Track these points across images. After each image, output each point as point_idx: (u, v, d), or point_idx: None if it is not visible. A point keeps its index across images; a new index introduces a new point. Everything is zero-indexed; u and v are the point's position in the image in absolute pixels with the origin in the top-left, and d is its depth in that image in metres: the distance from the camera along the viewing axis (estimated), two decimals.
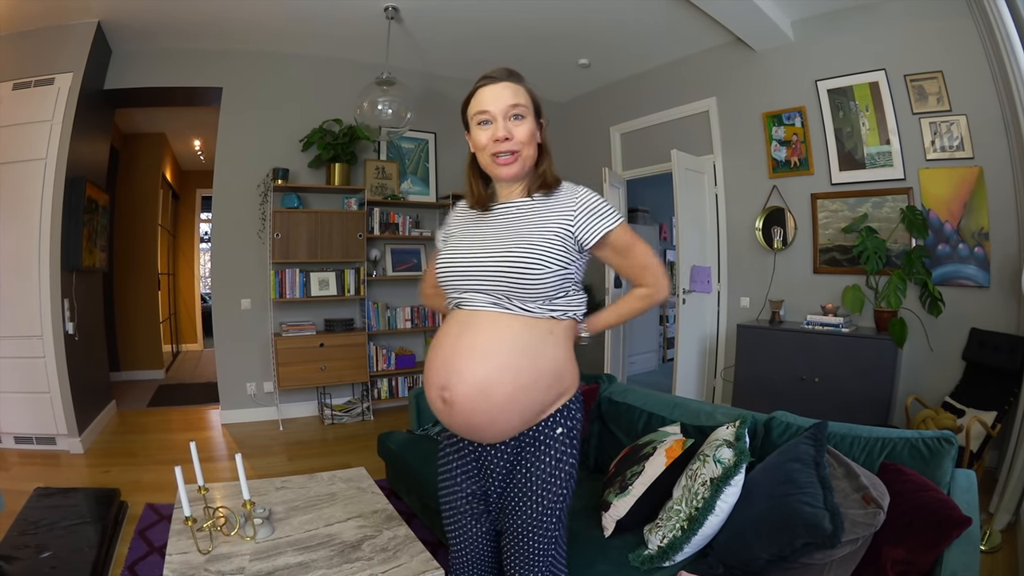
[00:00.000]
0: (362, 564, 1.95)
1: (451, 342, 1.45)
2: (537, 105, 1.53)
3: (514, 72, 1.53)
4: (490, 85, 1.49)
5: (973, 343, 3.78)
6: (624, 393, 2.89)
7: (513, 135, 1.46)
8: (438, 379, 1.43)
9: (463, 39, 5.25)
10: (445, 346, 1.46)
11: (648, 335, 8.01)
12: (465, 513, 1.57)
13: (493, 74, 1.50)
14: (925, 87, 4.00)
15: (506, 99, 1.46)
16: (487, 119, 1.47)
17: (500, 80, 1.49)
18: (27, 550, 2.59)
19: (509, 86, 1.48)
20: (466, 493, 1.55)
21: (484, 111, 1.47)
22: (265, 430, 5.11)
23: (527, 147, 1.48)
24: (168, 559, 1.93)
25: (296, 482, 2.70)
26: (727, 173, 5.29)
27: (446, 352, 1.44)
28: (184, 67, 5.16)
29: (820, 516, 1.58)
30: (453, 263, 1.51)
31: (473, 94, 1.52)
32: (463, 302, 1.48)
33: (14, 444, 4.34)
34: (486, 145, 1.48)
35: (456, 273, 1.49)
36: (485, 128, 1.48)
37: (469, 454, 1.54)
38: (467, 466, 1.55)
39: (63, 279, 4.33)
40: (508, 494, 1.49)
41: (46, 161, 4.24)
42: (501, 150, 1.46)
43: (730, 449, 1.94)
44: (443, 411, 1.45)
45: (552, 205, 1.49)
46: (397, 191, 5.88)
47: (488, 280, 1.43)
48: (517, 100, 1.47)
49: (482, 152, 1.51)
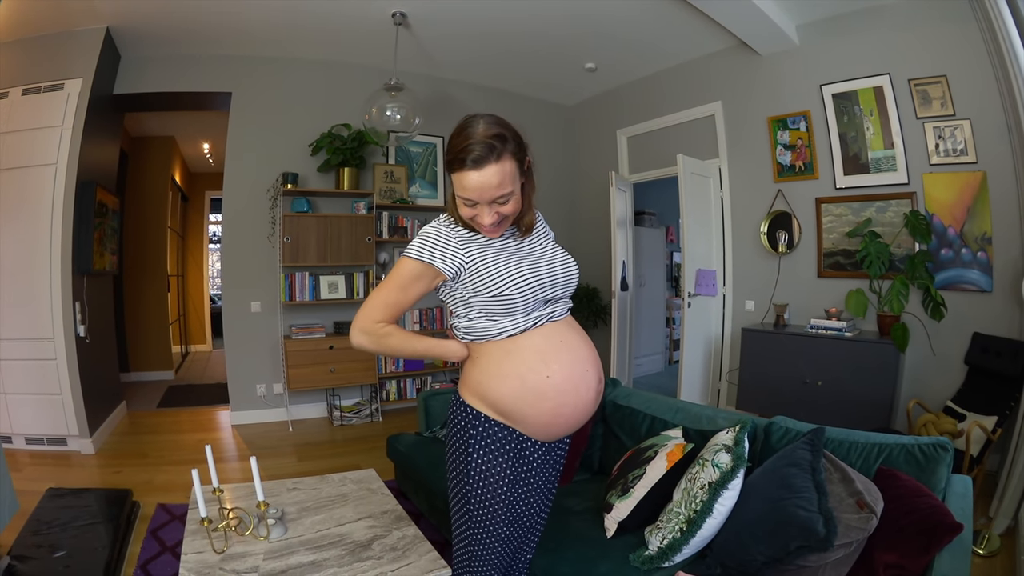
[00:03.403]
0: (372, 563, 2.00)
1: (584, 342, 1.61)
2: (523, 154, 1.50)
3: (496, 140, 1.42)
4: (474, 172, 1.41)
5: (975, 348, 3.80)
6: (628, 397, 2.94)
7: (499, 214, 1.49)
8: (594, 375, 1.59)
9: (471, 44, 5.31)
10: (584, 350, 1.60)
11: (655, 337, 8.03)
12: (528, 514, 1.66)
13: (478, 154, 1.40)
14: (929, 92, 4.01)
15: (492, 189, 1.42)
16: (471, 203, 1.47)
17: (486, 163, 1.41)
18: (40, 550, 2.64)
19: (495, 170, 1.42)
20: (539, 488, 1.66)
21: (468, 199, 1.45)
22: (275, 431, 5.17)
23: (512, 215, 1.53)
24: (184, 558, 1.98)
25: (308, 483, 2.76)
26: (732, 177, 5.32)
27: (588, 351, 1.60)
28: (193, 72, 5.22)
29: (814, 520, 1.62)
30: (540, 277, 1.53)
31: (456, 169, 1.44)
32: (554, 315, 1.58)
33: (25, 445, 4.40)
34: (471, 218, 1.51)
35: (548, 285, 1.55)
36: (469, 205, 1.47)
37: (551, 451, 1.66)
38: (550, 464, 1.67)
39: (74, 282, 4.40)
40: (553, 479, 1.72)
41: (56, 166, 4.29)
42: (486, 230, 1.53)
43: (728, 454, 1.98)
44: (593, 403, 1.59)
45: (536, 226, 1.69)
46: (406, 195, 5.93)
47: (567, 283, 1.61)
48: (503, 188, 1.44)
49: (463, 216, 1.53)
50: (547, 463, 1.64)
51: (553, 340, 1.53)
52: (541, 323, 1.53)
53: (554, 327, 1.56)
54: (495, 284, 1.47)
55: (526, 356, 1.50)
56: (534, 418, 1.51)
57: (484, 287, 1.49)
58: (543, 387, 1.49)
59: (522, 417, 1.52)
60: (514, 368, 1.51)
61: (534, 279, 1.51)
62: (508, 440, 1.53)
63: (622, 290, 5.68)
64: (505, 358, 1.52)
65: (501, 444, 1.53)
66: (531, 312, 1.52)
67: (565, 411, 1.52)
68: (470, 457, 1.54)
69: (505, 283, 1.47)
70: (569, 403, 1.52)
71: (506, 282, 1.47)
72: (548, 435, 1.57)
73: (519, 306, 1.49)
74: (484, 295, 1.49)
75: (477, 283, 1.49)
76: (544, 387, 1.49)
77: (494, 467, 1.53)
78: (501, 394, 1.52)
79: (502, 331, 1.52)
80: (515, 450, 1.55)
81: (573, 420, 1.56)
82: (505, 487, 1.55)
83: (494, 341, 1.53)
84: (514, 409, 1.51)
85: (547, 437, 1.57)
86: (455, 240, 1.53)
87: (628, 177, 6.24)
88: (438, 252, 1.50)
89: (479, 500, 1.55)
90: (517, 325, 1.51)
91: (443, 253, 1.50)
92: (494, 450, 1.53)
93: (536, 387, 1.49)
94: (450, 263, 1.50)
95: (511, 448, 1.54)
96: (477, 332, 1.55)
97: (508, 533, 1.59)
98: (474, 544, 1.60)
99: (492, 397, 1.53)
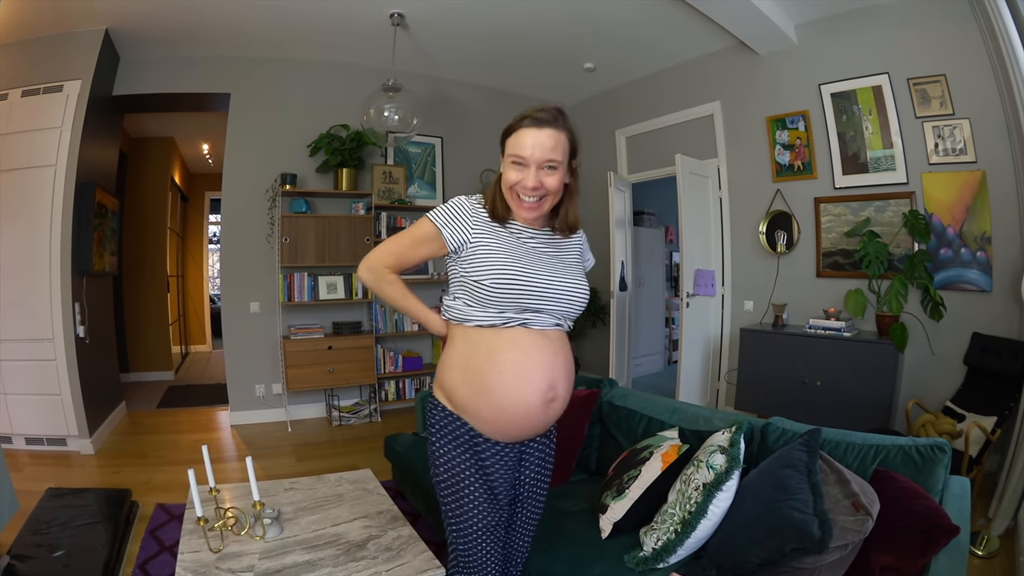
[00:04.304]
0: (367, 563, 2.00)
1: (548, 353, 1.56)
2: (575, 149, 1.56)
3: (562, 114, 1.52)
4: (533, 129, 1.49)
5: (974, 348, 3.79)
6: (624, 397, 2.93)
7: (542, 185, 1.51)
8: (543, 381, 1.54)
9: (469, 44, 5.31)
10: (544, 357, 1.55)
11: (654, 337, 8.02)
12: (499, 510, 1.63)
13: (540, 116, 1.49)
14: (928, 91, 4.01)
15: (545, 150, 1.48)
16: (521, 163, 1.50)
17: (545, 125, 1.49)
18: (40, 549, 2.65)
19: (552, 134, 1.49)
20: (503, 490, 1.63)
21: (520, 156, 1.49)
22: (274, 431, 5.17)
23: (553, 196, 1.55)
24: (180, 557, 1.99)
25: (304, 483, 2.76)
26: (731, 177, 5.31)
27: (549, 361, 1.55)
28: (192, 73, 5.23)
29: (809, 522, 1.61)
30: (528, 283, 1.52)
31: (516, 128, 1.52)
32: (531, 322, 1.54)
33: (25, 445, 4.41)
34: (515, 183, 1.52)
35: (531, 293, 1.52)
36: (518, 169, 1.51)
37: (510, 453, 1.61)
38: (508, 465, 1.62)
39: (74, 283, 4.40)
40: (535, 480, 1.72)
41: (56, 167, 4.30)
42: (527, 194, 1.52)
43: (723, 455, 1.98)
44: (541, 412, 1.55)
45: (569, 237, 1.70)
46: (404, 195, 5.93)
47: (558, 304, 1.57)
48: (555, 153, 1.49)
49: (509, 186, 1.55)
50: (505, 466, 1.61)
51: (508, 341, 1.52)
52: (511, 325, 1.53)
53: (522, 332, 1.53)
54: (480, 271, 1.51)
55: (477, 349, 1.53)
56: (473, 412, 1.54)
57: (470, 271, 1.53)
58: (481, 382, 1.52)
59: (467, 409, 1.55)
60: (462, 358, 1.56)
61: (519, 282, 1.50)
62: (461, 432, 1.57)
63: (621, 290, 5.68)
64: (462, 346, 1.57)
65: (456, 435, 1.57)
66: (504, 311, 1.52)
67: (502, 411, 1.52)
68: (433, 447, 1.61)
69: (488, 274, 1.50)
70: (505, 404, 1.51)
71: (490, 273, 1.50)
72: (496, 434, 1.56)
73: (493, 301, 1.50)
74: (468, 278, 1.53)
75: (468, 265, 1.54)
76: (482, 382, 1.52)
77: (454, 458, 1.58)
78: (451, 384, 1.58)
79: (470, 319, 1.54)
80: (470, 444, 1.57)
81: (517, 422, 1.54)
82: (469, 480, 1.57)
83: (462, 327, 1.56)
84: (461, 400, 1.56)
85: (497, 436, 1.56)
86: (470, 218, 1.57)
87: (627, 177, 6.23)
88: (451, 223, 1.56)
89: (447, 493, 1.60)
90: (486, 319, 1.52)
91: (455, 226, 1.56)
92: (450, 440, 1.58)
93: (475, 381, 1.52)
94: (456, 237, 1.55)
95: (465, 441, 1.57)
96: (452, 313, 1.60)
97: (482, 528, 1.60)
98: (456, 541, 1.62)
99: (446, 386, 1.59)
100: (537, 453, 1.69)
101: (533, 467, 1.70)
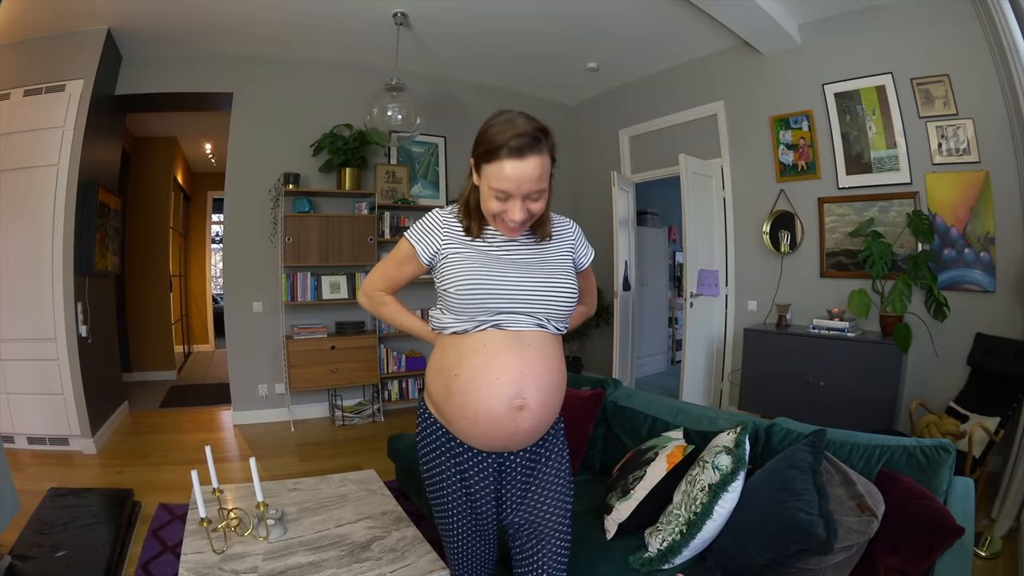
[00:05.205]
0: (371, 564, 2.00)
1: (517, 356, 1.48)
2: (554, 158, 1.45)
3: (541, 133, 1.39)
4: (515, 161, 1.37)
5: (978, 348, 3.78)
6: (629, 398, 2.93)
7: (530, 214, 1.46)
8: (510, 389, 1.46)
9: (472, 44, 5.31)
10: (511, 360, 1.47)
11: (657, 337, 8.01)
12: (483, 521, 1.61)
13: (521, 144, 1.36)
14: (932, 91, 4.00)
15: (531, 182, 1.39)
16: (505, 196, 1.41)
17: (528, 153, 1.37)
18: (42, 549, 2.64)
19: (536, 163, 1.38)
20: (485, 501, 1.59)
21: (503, 191, 1.40)
22: (277, 431, 5.17)
23: (538, 215, 1.50)
24: (183, 558, 1.99)
25: (308, 484, 2.76)
26: (735, 177, 5.31)
27: (517, 365, 1.47)
28: (194, 73, 5.22)
29: (814, 523, 1.61)
30: (496, 287, 1.47)
31: (495, 158, 1.39)
32: (504, 323, 1.48)
33: (27, 445, 4.41)
34: (499, 213, 1.45)
35: (500, 296, 1.47)
36: (501, 201, 1.43)
37: (490, 464, 1.57)
38: (487, 476, 1.58)
39: (76, 283, 4.41)
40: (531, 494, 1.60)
41: (58, 167, 4.30)
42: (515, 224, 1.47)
43: (728, 456, 1.98)
44: (508, 419, 1.47)
45: (555, 234, 1.63)
46: (407, 195, 5.93)
47: (535, 305, 1.50)
48: (541, 181, 1.41)
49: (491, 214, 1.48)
50: (482, 474, 1.57)
51: (479, 343, 1.49)
52: (484, 328, 1.49)
53: (493, 334, 1.49)
54: (448, 280, 1.50)
55: (449, 354, 1.53)
56: (448, 416, 1.54)
57: (443, 280, 1.53)
58: (452, 385, 1.51)
59: (443, 414, 1.56)
60: (438, 363, 1.57)
61: (485, 285, 1.46)
62: (440, 436, 1.58)
63: (624, 290, 5.68)
64: (438, 352, 1.58)
65: (437, 440, 1.59)
66: (475, 317, 1.49)
67: (467, 416, 1.49)
68: (420, 450, 1.65)
69: (454, 282, 1.49)
70: (467, 408, 1.48)
71: (455, 282, 1.48)
72: (471, 440, 1.53)
73: (463, 308, 1.48)
74: (441, 288, 1.54)
75: (441, 275, 1.54)
76: (453, 385, 1.51)
77: (435, 462, 1.59)
78: (429, 388, 1.61)
79: (447, 327, 1.54)
80: (448, 449, 1.57)
81: (482, 429, 1.49)
82: (448, 484, 1.58)
83: (444, 334, 1.56)
84: (438, 404, 1.57)
85: (472, 443, 1.54)
86: (440, 231, 1.56)
87: (630, 177, 6.23)
88: (422, 238, 1.57)
89: (431, 495, 1.63)
90: (460, 325, 1.51)
91: (426, 240, 1.56)
92: (432, 444, 1.60)
93: (447, 384, 1.52)
94: (427, 251, 1.56)
95: (443, 444, 1.58)
96: (435, 322, 1.60)
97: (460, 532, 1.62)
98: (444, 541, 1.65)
99: (429, 389, 1.61)
100: (521, 468, 1.59)
101: (516, 483, 1.59)
